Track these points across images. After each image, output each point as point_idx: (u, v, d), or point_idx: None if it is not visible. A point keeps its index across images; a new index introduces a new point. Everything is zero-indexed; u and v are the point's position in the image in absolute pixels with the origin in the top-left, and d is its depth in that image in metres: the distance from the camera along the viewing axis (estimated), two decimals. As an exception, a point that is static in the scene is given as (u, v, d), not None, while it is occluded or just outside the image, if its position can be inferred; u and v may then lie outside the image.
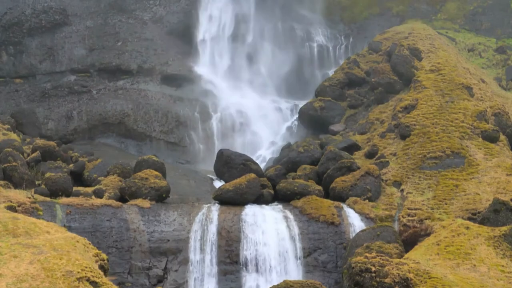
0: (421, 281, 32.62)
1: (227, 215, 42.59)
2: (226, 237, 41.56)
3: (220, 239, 41.49)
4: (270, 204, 45.09)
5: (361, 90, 60.50)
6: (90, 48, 66.42)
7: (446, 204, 43.17)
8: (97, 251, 33.73)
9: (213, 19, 71.33)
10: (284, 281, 34.47)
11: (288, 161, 50.01)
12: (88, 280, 28.86)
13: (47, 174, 43.94)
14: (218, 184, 50.66)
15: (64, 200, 41.60)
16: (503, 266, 35.35)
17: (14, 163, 43.85)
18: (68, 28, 66.56)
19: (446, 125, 49.47)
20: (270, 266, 40.89)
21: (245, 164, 47.82)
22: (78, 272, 28.90)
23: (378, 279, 32.07)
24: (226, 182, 46.93)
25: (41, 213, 39.49)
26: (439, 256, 36.23)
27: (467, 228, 38.32)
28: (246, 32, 71.53)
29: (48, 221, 37.26)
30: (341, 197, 45.17)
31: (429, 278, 32.90)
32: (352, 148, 51.44)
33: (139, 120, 63.59)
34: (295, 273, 40.82)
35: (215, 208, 43.24)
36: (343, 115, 59.00)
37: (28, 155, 48.68)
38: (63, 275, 28.60)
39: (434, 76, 55.39)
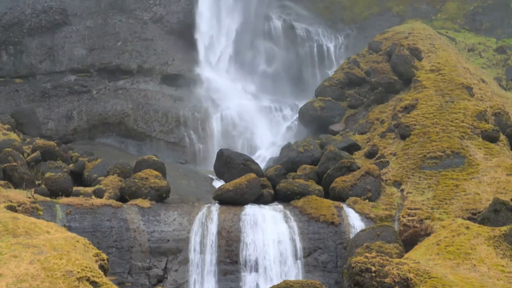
0: (421, 281, 32.61)
1: (227, 215, 42.58)
2: (226, 237, 41.55)
3: (220, 239, 41.48)
4: (270, 204, 45.05)
5: (361, 90, 60.45)
6: (90, 48, 66.43)
7: (446, 204, 43.15)
8: (97, 251, 33.74)
9: (213, 19, 71.31)
10: (284, 281, 34.45)
11: (288, 161, 49.98)
12: (88, 280, 28.86)
13: (47, 174, 43.91)
14: (218, 184, 50.64)
15: (64, 200, 41.61)
16: (503, 266, 35.33)
17: (14, 163, 43.82)
18: (68, 28, 66.56)
19: (446, 125, 49.45)
20: (270, 266, 40.88)
21: (245, 164, 47.77)
22: (78, 272, 28.90)
23: (378, 279, 32.07)
24: (226, 182, 46.90)
25: (41, 213, 39.48)
26: (439, 256, 36.22)
27: (467, 228, 38.31)
28: (247, 32, 71.51)
29: (48, 221, 37.26)
30: (341, 197, 45.15)
31: (429, 278, 32.89)
32: (352, 148, 51.40)
33: (139, 120, 63.61)
34: (295, 273, 40.80)
35: (215, 208, 43.23)
36: (343, 115, 58.96)
37: (28, 155, 48.63)
38: (63, 275, 28.60)
39: (434, 76, 55.35)
